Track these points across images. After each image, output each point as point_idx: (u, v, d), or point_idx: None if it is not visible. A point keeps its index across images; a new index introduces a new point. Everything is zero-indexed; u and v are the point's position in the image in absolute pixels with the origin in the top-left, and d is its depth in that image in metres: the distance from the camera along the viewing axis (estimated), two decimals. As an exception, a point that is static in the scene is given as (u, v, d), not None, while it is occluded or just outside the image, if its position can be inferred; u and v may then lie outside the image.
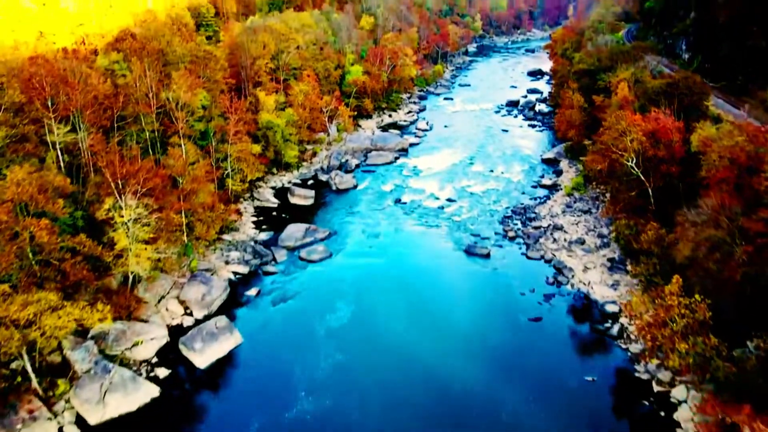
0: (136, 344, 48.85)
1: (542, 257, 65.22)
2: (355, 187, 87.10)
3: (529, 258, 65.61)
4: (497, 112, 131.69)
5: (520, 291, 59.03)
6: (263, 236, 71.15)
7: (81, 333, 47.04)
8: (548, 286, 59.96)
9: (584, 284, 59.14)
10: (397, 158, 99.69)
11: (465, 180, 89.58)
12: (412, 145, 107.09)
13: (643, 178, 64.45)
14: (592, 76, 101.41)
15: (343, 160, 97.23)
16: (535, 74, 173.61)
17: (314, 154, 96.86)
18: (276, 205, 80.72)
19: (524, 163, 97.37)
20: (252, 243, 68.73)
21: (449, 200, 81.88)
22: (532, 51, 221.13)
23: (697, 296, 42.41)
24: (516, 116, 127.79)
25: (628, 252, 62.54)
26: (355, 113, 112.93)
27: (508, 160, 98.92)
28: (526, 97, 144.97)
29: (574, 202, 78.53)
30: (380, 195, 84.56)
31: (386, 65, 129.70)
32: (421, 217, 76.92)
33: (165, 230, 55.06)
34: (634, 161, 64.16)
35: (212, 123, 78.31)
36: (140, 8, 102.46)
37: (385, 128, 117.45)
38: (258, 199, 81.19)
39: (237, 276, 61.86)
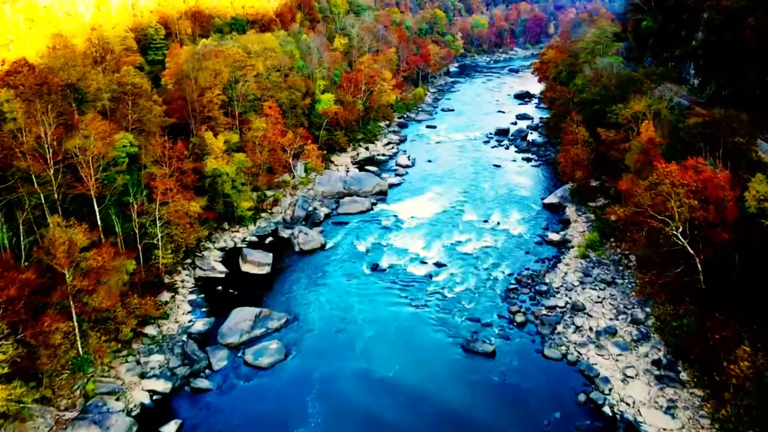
0: None
1: (564, 356, 48.51)
2: (323, 247, 69.86)
3: (546, 357, 48.83)
4: (486, 142, 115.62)
5: (541, 417, 42.22)
6: (200, 326, 53.51)
7: None
8: (578, 407, 43.22)
9: (628, 405, 42.49)
10: (374, 204, 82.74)
11: (456, 234, 72.85)
12: (392, 186, 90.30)
13: (690, 249, 48.49)
14: (599, 107, 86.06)
15: (311, 209, 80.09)
16: (523, 97, 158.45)
17: (275, 201, 79.50)
18: (223, 275, 63.18)
19: (523, 210, 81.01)
20: (183, 339, 51.13)
21: (438, 265, 65.04)
22: (516, 71, 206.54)
23: None
24: (507, 147, 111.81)
25: (679, 352, 46.26)
26: (326, 151, 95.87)
27: (504, 206, 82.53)
28: (515, 123, 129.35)
29: (592, 268, 62.15)
30: (353, 258, 67.44)
31: (362, 91, 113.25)
32: (404, 291, 59.93)
33: (40, 349, 37.46)
34: (680, 229, 48.15)
35: (143, 173, 61.01)
36: (70, 29, 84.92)
37: (361, 164, 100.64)
38: (200, 267, 63.55)
39: (154, 398, 44.11)
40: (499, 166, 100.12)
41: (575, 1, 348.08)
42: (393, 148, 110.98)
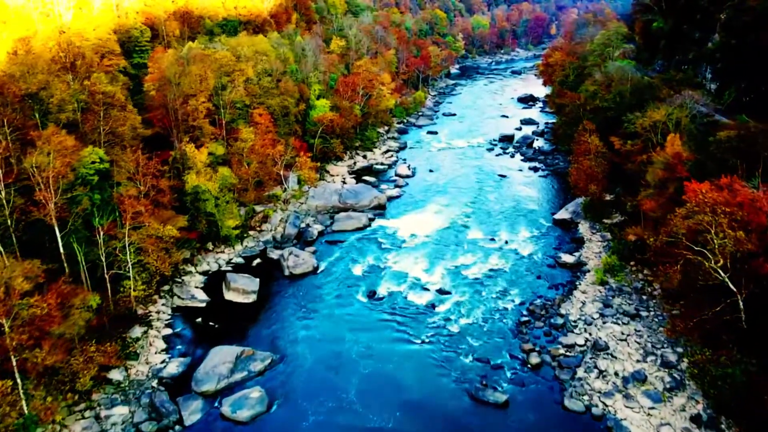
0: None
1: (588, 409, 41.90)
2: (315, 270, 63.23)
3: (567, 410, 42.22)
4: (490, 149, 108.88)
5: (566, 489, 35.71)
6: (174, 368, 46.93)
7: None
8: (608, 476, 36.70)
9: (666, 475, 35.98)
10: (372, 220, 76.10)
11: (460, 255, 66.24)
12: (391, 199, 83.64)
13: (731, 285, 41.94)
14: (613, 115, 79.51)
15: (303, 226, 73.48)
16: (527, 101, 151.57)
17: (265, 218, 72.86)
18: (204, 305, 56.59)
19: (532, 226, 74.37)
20: (153, 385, 44.58)
21: (441, 292, 58.45)
22: (519, 73, 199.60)
23: None
24: (512, 156, 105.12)
25: (722, 406, 39.73)
26: (319, 163, 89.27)
27: (511, 222, 75.88)
28: (520, 129, 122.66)
29: (612, 297, 55.53)
30: (348, 283, 60.84)
31: (360, 96, 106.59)
32: (403, 324, 53.32)
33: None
34: (720, 263, 41.58)
35: (116, 191, 54.50)
36: (47, 31, 78.27)
37: (358, 174, 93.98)
38: (179, 296, 56.99)
39: (113, 464, 37.67)
40: (504, 177, 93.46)
41: (576, 1, 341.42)
42: (392, 156, 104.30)
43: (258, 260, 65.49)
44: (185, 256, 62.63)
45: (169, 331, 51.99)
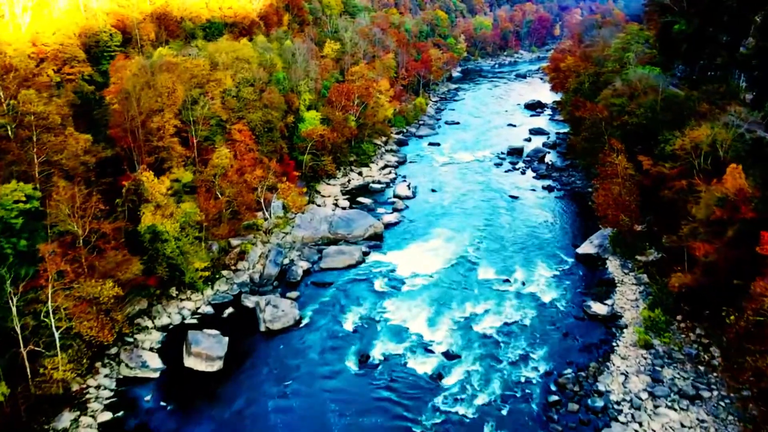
0: None
1: None
2: (298, 323, 51.89)
3: None
4: (498, 165, 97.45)
5: None
6: (106, 477, 35.78)
7: None
8: None
9: None
10: (366, 254, 64.79)
11: (470, 302, 54.88)
12: (389, 226, 72.28)
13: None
14: (642, 132, 68.37)
15: (287, 262, 62.23)
16: (534, 107, 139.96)
17: (242, 254, 61.54)
18: (158, 374, 45.32)
19: (552, 262, 63.07)
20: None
21: (448, 356, 47.10)
22: (524, 76, 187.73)
23: None
24: (523, 172, 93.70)
25: None
26: (305, 188, 78.07)
27: (527, 256, 64.57)
28: (529, 140, 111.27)
29: (661, 366, 44.18)
30: (336, 342, 49.50)
31: (355, 106, 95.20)
32: (402, 403, 41.96)
33: None
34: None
35: (55, 232, 43.29)
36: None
37: (352, 195, 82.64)
38: (127, 364, 45.65)
39: None
40: (516, 198, 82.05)
41: (580, 1, 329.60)
42: (390, 172, 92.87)
43: (230, 309, 54.15)
44: (141, 307, 51.51)
45: (108, 416, 40.63)
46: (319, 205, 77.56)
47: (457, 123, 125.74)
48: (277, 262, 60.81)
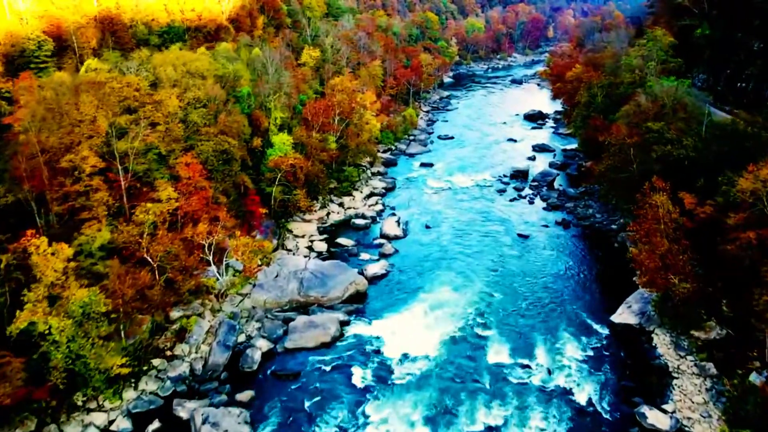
0: None
1: None
2: (246, 449, 36.90)
3: None
4: (501, 191, 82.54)
5: None
6: None
7: None
8: None
9: None
10: (345, 325, 49.68)
11: (480, 406, 40.00)
12: (374, 280, 57.21)
13: None
14: (687, 165, 54.20)
15: (242, 340, 47.06)
16: (535, 118, 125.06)
17: (182, 333, 46.20)
18: None
19: (582, 337, 48.18)
20: None
21: None
22: (520, 82, 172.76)
23: None
24: (531, 201, 78.90)
25: None
26: (271, 243, 62.76)
27: (548, 324, 49.77)
28: (534, 158, 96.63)
29: None
30: (298, 484, 34.61)
31: (335, 125, 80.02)
32: None
33: None
34: None
35: None
36: None
37: (331, 234, 67.58)
38: None
39: None
40: (526, 237, 67.24)
41: (571, 2, 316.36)
42: (377, 203, 77.78)
43: (156, 424, 38.84)
44: (27, 430, 36.17)
45: None
46: (289, 250, 62.51)
47: (451, 138, 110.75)
48: (227, 344, 45.56)
